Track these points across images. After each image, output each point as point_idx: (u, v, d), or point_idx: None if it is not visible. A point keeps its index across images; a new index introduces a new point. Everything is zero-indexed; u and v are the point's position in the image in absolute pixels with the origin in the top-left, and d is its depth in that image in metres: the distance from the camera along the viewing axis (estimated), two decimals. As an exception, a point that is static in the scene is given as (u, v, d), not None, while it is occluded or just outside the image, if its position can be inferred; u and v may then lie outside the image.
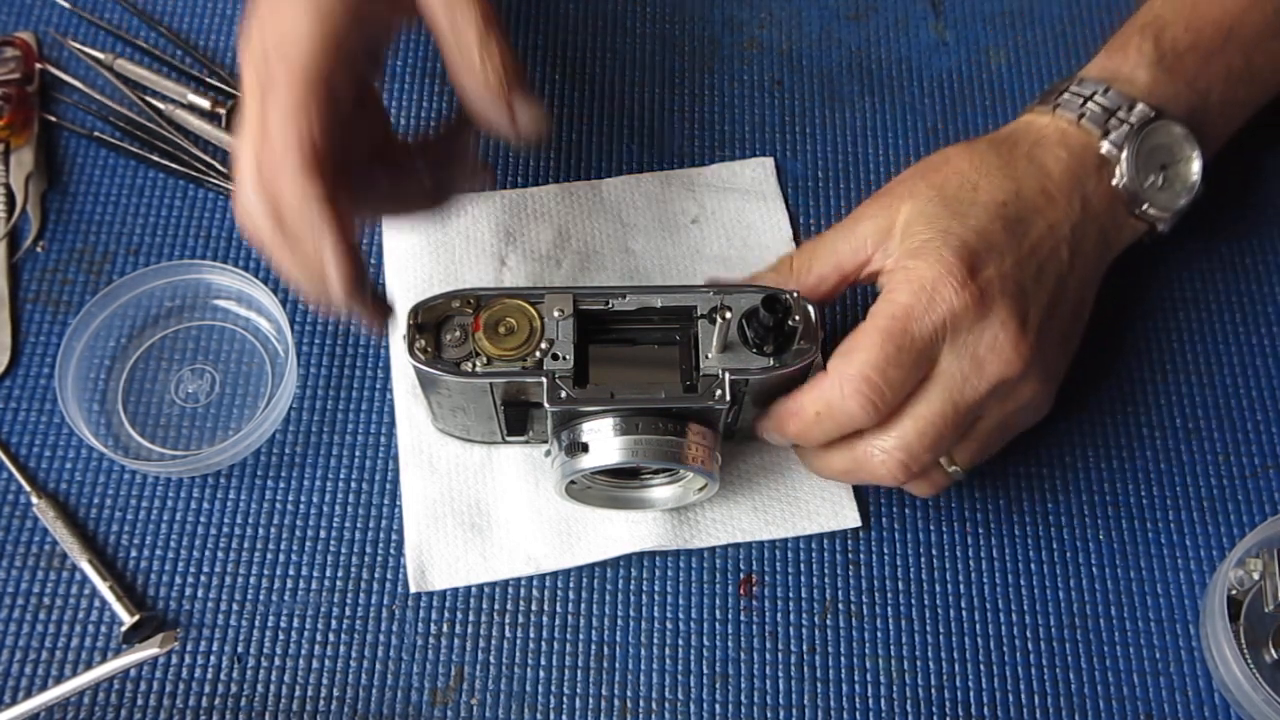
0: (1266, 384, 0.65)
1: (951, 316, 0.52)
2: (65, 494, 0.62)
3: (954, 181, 0.56)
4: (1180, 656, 0.59)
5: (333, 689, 0.57)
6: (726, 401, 0.52)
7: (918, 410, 0.53)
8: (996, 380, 0.53)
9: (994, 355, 0.53)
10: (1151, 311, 0.67)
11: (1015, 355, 0.53)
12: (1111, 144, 0.58)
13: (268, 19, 0.49)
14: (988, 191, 0.56)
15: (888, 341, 0.52)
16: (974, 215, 0.55)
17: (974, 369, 0.53)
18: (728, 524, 0.61)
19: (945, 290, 0.52)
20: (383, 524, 0.61)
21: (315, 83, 0.48)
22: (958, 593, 0.60)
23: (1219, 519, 0.62)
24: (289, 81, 0.47)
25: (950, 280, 0.53)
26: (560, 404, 0.52)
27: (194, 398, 0.64)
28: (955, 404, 0.53)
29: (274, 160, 0.47)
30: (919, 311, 0.52)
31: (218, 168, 0.70)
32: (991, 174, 0.57)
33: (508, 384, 0.53)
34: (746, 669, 0.58)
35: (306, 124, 0.47)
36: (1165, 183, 0.60)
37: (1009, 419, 0.57)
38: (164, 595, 0.59)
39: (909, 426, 0.53)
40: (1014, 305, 0.54)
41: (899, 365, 0.52)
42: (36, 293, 0.67)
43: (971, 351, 0.53)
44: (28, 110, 0.71)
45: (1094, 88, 0.60)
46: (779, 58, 0.76)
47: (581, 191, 0.70)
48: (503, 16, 0.76)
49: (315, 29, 0.48)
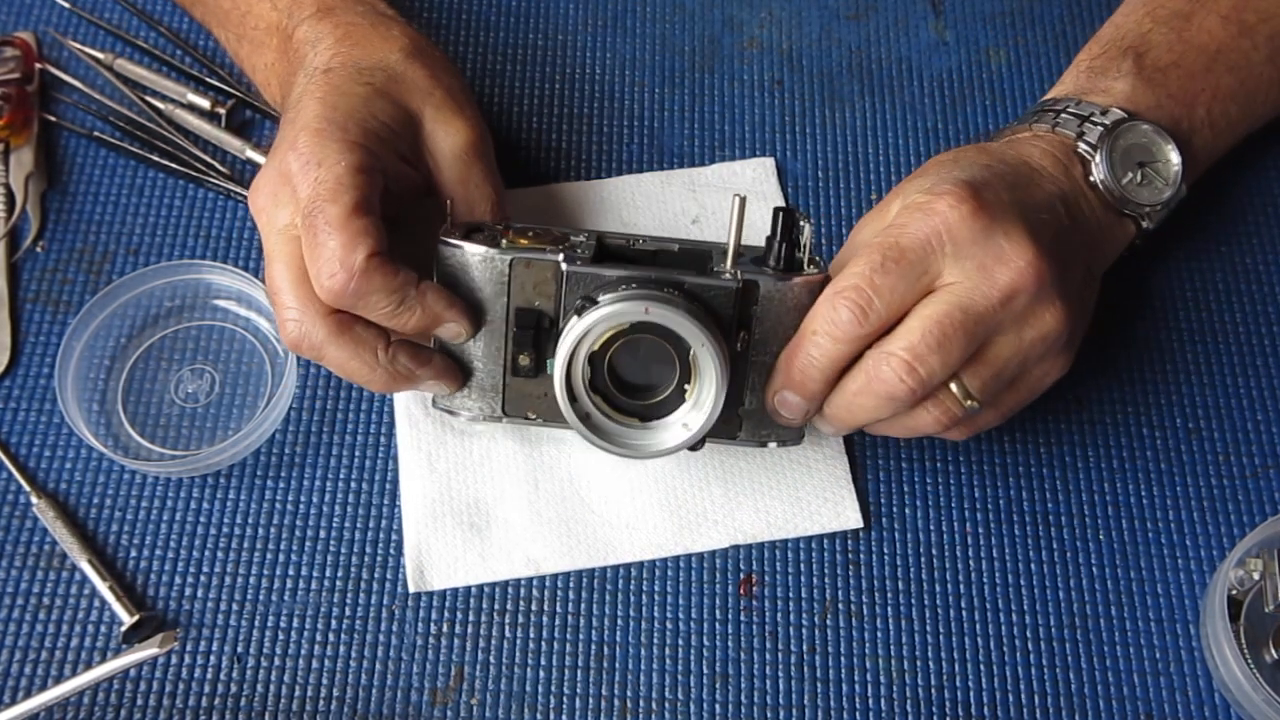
0: (1266, 384, 0.65)
1: (948, 227, 0.52)
2: (65, 494, 0.62)
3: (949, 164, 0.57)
4: (1180, 656, 0.59)
5: (333, 689, 0.57)
6: (740, 281, 0.52)
7: (924, 312, 0.52)
8: (1008, 289, 0.52)
9: (1003, 265, 0.52)
10: (1151, 311, 0.67)
11: (1027, 266, 0.52)
12: (1086, 144, 0.60)
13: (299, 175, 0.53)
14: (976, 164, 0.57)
15: (875, 252, 0.52)
16: (972, 169, 0.56)
17: (982, 276, 0.52)
18: (728, 525, 0.61)
19: (940, 204, 0.53)
20: (383, 524, 0.61)
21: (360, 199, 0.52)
22: (958, 593, 0.60)
23: (1219, 519, 0.62)
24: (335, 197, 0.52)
25: (946, 198, 0.53)
26: (577, 265, 0.52)
27: (194, 398, 0.64)
28: (963, 308, 0.52)
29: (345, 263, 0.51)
30: (910, 224, 0.53)
31: (218, 168, 0.70)
32: (987, 155, 0.58)
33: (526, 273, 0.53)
34: (746, 669, 0.58)
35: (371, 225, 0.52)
36: (1145, 179, 0.60)
37: (1028, 351, 0.54)
38: (164, 595, 0.59)
39: (913, 325, 0.52)
40: (1020, 221, 0.53)
41: (886, 272, 0.52)
42: (36, 293, 0.67)
43: (978, 261, 0.52)
44: (28, 110, 0.71)
45: (1066, 103, 0.62)
46: (779, 58, 0.76)
47: (581, 191, 0.70)
48: (502, 17, 0.76)
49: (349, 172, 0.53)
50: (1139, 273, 0.68)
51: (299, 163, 0.53)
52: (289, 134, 0.55)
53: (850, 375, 0.54)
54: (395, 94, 0.57)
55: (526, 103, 0.74)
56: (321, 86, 0.56)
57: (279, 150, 0.55)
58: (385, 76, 0.58)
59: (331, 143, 0.53)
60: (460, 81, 0.61)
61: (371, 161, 0.54)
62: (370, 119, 0.55)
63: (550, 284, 0.53)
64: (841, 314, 0.52)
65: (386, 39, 0.59)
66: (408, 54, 0.59)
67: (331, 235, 0.51)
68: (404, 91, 0.58)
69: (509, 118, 0.73)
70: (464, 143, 0.58)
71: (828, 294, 0.53)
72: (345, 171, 0.52)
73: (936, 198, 0.53)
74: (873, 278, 0.52)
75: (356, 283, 0.51)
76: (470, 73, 0.75)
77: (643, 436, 0.54)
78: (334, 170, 0.52)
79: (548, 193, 0.70)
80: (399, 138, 0.56)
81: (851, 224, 0.70)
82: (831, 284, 0.53)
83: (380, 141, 0.55)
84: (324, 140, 0.53)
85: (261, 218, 0.55)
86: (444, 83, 0.59)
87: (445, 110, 0.58)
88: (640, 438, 0.54)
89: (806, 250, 0.54)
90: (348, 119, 0.55)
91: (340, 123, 0.54)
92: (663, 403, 0.54)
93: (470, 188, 0.59)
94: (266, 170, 0.55)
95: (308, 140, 0.53)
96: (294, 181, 0.53)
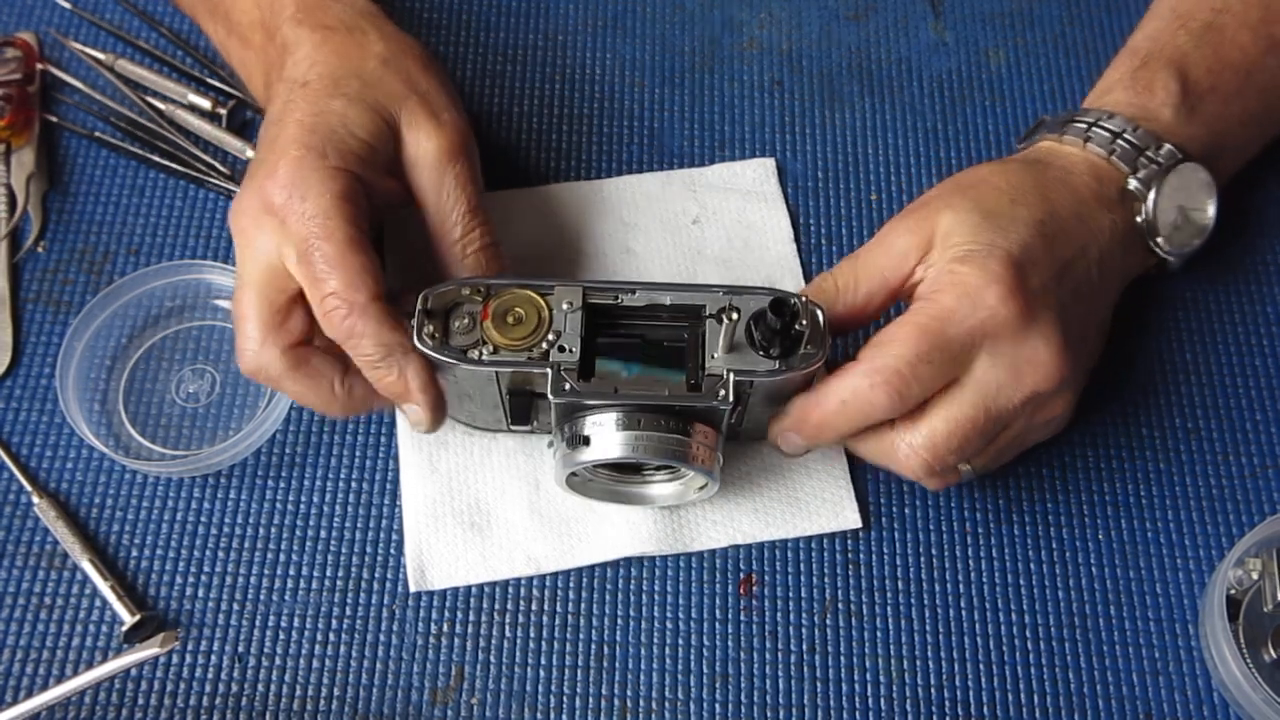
0: (1266, 384, 0.65)
1: (993, 324, 0.52)
2: (66, 494, 0.62)
3: (991, 197, 0.56)
4: (1179, 656, 0.59)
5: (333, 689, 0.57)
6: (730, 402, 0.52)
7: (949, 413, 0.53)
8: (1032, 392, 0.54)
9: (1033, 368, 0.53)
10: (1151, 312, 0.67)
11: (1054, 369, 0.53)
12: (1139, 182, 0.59)
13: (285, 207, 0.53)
14: (1026, 208, 0.56)
15: (923, 338, 0.52)
16: (1015, 230, 0.55)
17: (1011, 378, 0.53)
18: (728, 525, 0.61)
19: (990, 297, 0.52)
20: (383, 524, 0.61)
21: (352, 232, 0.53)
22: (958, 593, 0.60)
23: (1219, 519, 0.62)
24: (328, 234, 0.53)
25: (996, 288, 0.52)
26: (564, 396, 0.52)
27: (194, 398, 0.64)
28: (987, 410, 0.53)
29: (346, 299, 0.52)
30: (960, 315, 0.52)
31: (218, 168, 0.70)
32: (1027, 192, 0.57)
33: (514, 373, 0.53)
34: (746, 669, 0.58)
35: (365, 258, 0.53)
36: (1184, 223, 0.61)
37: (1030, 431, 0.57)
38: (164, 595, 0.59)
39: (939, 427, 0.53)
40: (1056, 320, 0.54)
41: (930, 362, 0.52)
42: (37, 293, 0.67)
43: (1010, 361, 0.53)
44: (29, 111, 0.71)
45: (1124, 125, 0.60)
46: (779, 58, 0.76)
47: (582, 191, 0.70)
48: (502, 17, 0.76)
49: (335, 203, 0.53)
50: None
51: (282, 195, 0.53)
52: (270, 158, 0.55)
53: (867, 438, 0.56)
54: (371, 103, 0.57)
55: (526, 103, 0.74)
56: (299, 105, 0.56)
57: (258, 175, 0.55)
58: (360, 85, 0.57)
59: (312, 173, 0.53)
60: (438, 82, 0.60)
61: (354, 186, 0.54)
62: (349, 138, 0.55)
63: (540, 378, 0.53)
64: (879, 398, 0.52)
65: (362, 45, 0.59)
66: (383, 60, 0.58)
67: (332, 274, 0.52)
68: (380, 100, 0.57)
69: (509, 118, 0.73)
70: (436, 149, 0.57)
71: (866, 366, 0.52)
72: (331, 203, 0.53)
73: (986, 286, 0.52)
74: (916, 366, 0.52)
75: (355, 321, 0.52)
76: (470, 73, 0.75)
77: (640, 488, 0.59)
78: (320, 203, 0.53)
79: (548, 193, 0.70)
80: (377, 152, 0.56)
81: (852, 224, 0.70)
82: (871, 352, 0.52)
83: (360, 161, 0.55)
84: (304, 170, 0.53)
85: (241, 239, 0.56)
86: (420, 88, 0.58)
87: (419, 115, 0.58)
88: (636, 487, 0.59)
89: (806, 333, 0.53)
90: (326, 142, 0.54)
91: (319, 148, 0.54)
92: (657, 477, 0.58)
93: (443, 196, 0.58)
94: (248, 193, 0.55)
95: (287, 170, 0.54)
96: (280, 213, 0.53)
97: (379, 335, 0.53)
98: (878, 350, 0.52)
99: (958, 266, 0.53)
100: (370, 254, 0.53)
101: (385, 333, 0.53)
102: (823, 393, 0.54)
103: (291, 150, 0.54)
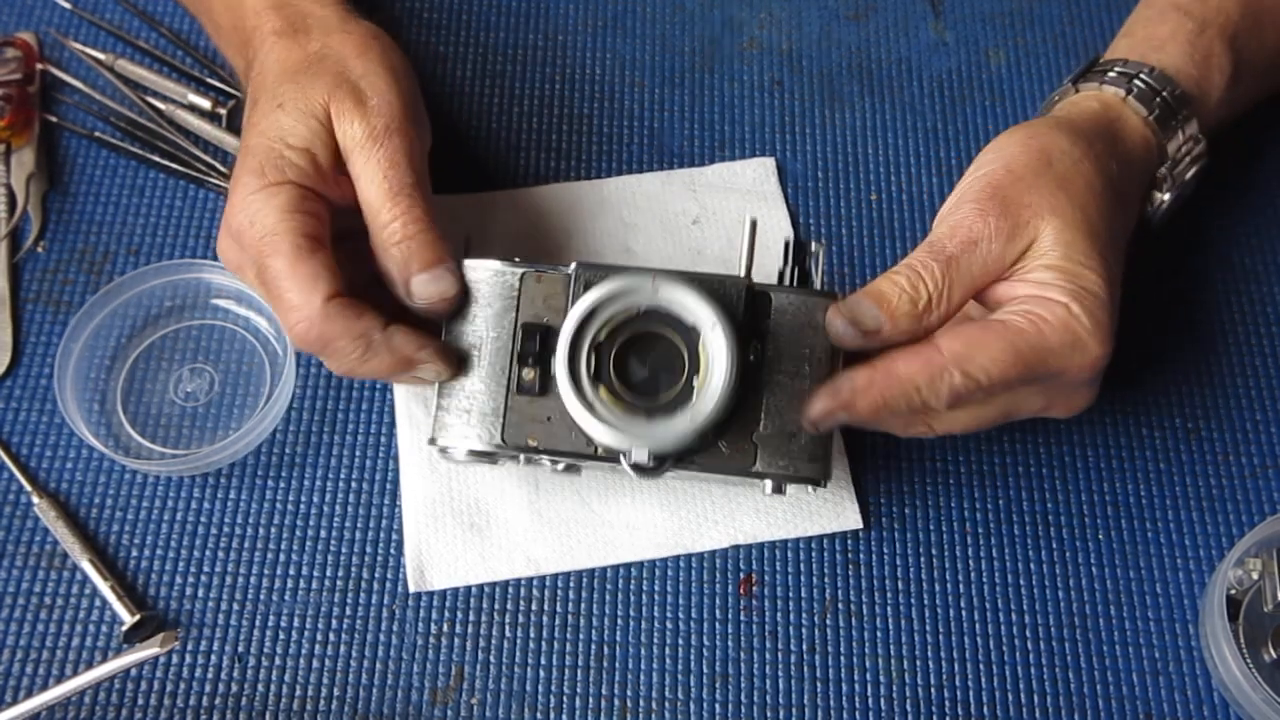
0: (1266, 384, 0.65)
1: (1074, 374, 0.52)
2: (66, 494, 0.62)
3: (1092, 205, 0.54)
4: (1180, 656, 0.59)
5: (333, 689, 0.57)
6: (749, 279, 0.52)
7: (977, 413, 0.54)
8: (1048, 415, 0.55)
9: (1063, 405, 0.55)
10: (1151, 312, 0.67)
11: (1077, 409, 0.55)
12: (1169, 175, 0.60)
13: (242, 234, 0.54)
14: (1118, 218, 0.55)
15: (1017, 363, 0.50)
16: (1114, 256, 0.54)
17: (1042, 405, 0.54)
18: (728, 525, 0.61)
19: (1087, 355, 0.51)
20: (383, 524, 0.61)
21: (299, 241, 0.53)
22: (958, 593, 0.60)
23: (1219, 519, 0.62)
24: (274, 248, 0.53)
25: (1098, 348, 0.52)
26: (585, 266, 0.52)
27: (194, 397, 0.64)
28: (1007, 414, 0.54)
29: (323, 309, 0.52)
30: (1059, 356, 0.51)
31: (218, 168, 0.70)
32: (1116, 195, 0.56)
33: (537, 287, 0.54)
34: (746, 669, 0.58)
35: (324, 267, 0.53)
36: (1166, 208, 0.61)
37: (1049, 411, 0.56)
38: (164, 595, 0.59)
39: (960, 421, 0.54)
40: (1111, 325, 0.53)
41: (1008, 387, 0.51)
42: (37, 293, 0.67)
43: (1049, 396, 0.54)
44: (29, 111, 0.71)
45: (1184, 108, 0.59)
46: (779, 58, 0.76)
47: (582, 191, 0.70)
48: (502, 17, 0.76)
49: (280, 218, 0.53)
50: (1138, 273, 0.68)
51: (236, 220, 0.54)
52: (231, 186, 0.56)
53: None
54: (304, 107, 0.56)
55: (526, 103, 0.74)
56: (248, 127, 0.57)
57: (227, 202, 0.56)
58: (293, 90, 0.56)
59: (254, 196, 0.54)
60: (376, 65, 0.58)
61: (298, 197, 0.54)
62: (285, 150, 0.55)
63: (560, 296, 0.53)
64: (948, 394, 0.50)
65: (303, 46, 0.58)
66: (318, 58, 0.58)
67: (285, 287, 0.52)
68: (311, 101, 0.56)
69: (509, 118, 0.73)
70: (359, 134, 0.55)
71: (954, 361, 0.50)
72: (276, 220, 0.53)
73: (1093, 340, 0.51)
74: (996, 385, 0.50)
75: (319, 328, 0.52)
76: (470, 73, 0.75)
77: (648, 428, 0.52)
78: (266, 222, 0.53)
79: (549, 193, 0.70)
80: (317, 156, 0.55)
81: (852, 224, 0.70)
82: (962, 349, 0.50)
83: (300, 171, 0.55)
84: (248, 194, 0.54)
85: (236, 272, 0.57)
86: (351, 75, 0.57)
87: (346, 104, 0.56)
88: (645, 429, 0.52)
89: (820, 276, 0.53)
90: (264, 162, 0.55)
91: (257, 170, 0.54)
92: (670, 403, 0.53)
93: (363, 181, 0.55)
94: (221, 224, 0.56)
95: (237, 197, 0.54)
96: (239, 239, 0.54)
97: (348, 329, 0.52)
98: (970, 348, 0.50)
99: (1073, 305, 0.51)
100: (321, 257, 0.53)
101: (353, 324, 0.52)
102: (902, 366, 0.51)
103: (240, 177, 0.55)
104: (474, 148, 0.72)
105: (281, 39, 0.59)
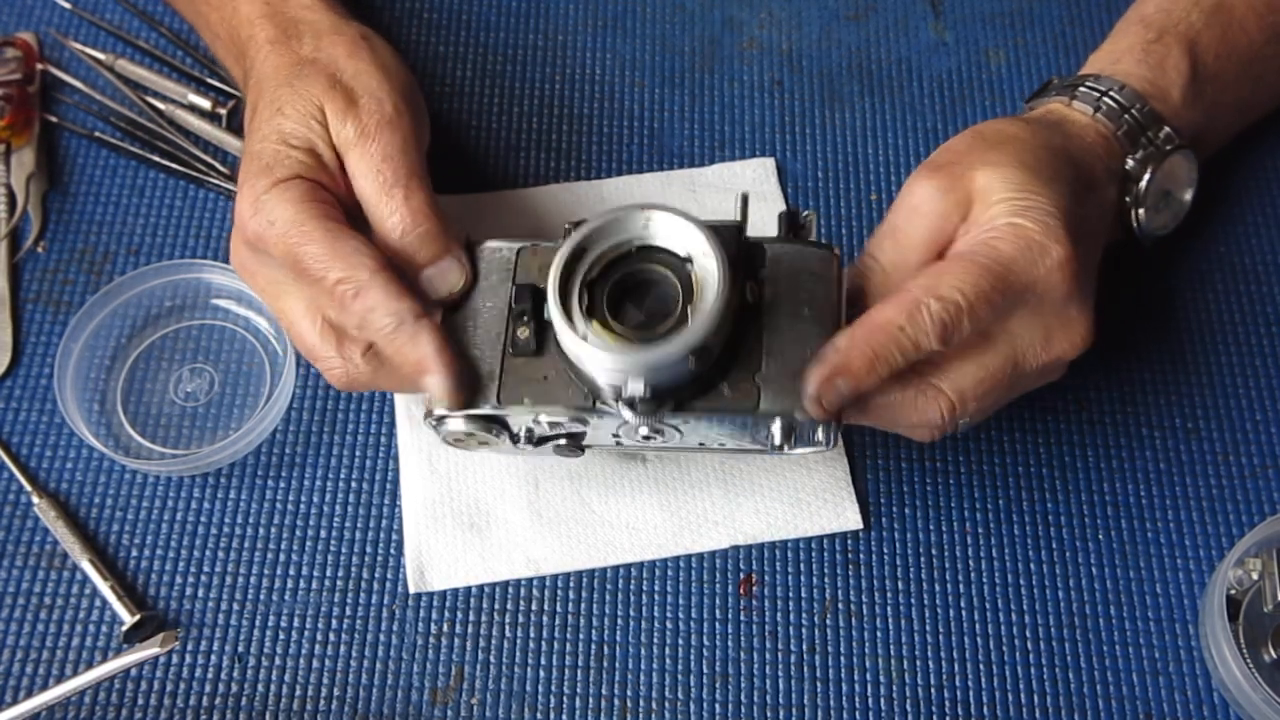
0: (1266, 384, 0.65)
1: (1047, 283, 0.51)
2: (66, 494, 0.62)
3: (1027, 153, 0.55)
4: (1179, 656, 0.59)
5: (333, 689, 0.57)
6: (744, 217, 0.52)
7: (983, 360, 0.52)
8: (1056, 357, 0.53)
9: (1063, 334, 0.53)
10: (1151, 312, 0.67)
11: (1080, 339, 0.53)
12: (1137, 163, 0.59)
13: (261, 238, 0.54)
14: (1059, 170, 0.55)
15: (985, 277, 0.50)
16: (1057, 189, 0.54)
17: (1043, 340, 0.53)
18: (729, 526, 0.61)
19: (1053, 254, 0.51)
20: (383, 524, 0.61)
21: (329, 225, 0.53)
22: (958, 593, 0.60)
23: (1219, 519, 0.62)
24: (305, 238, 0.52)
25: (1059, 248, 0.51)
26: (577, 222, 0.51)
27: (193, 397, 0.64)
28: (1015, 366, 0.53)
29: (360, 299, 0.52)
30: (1021, 265, 0.51)
31: (218, 168, 0.70)
32: (1056, 153, 0.56)
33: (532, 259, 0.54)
34: (746, 669, 0.58)
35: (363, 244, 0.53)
36: (1163, 206, 0.61)
37: (1034, 385, 0.56)
38: (164, 595, 0.59)
39: (970, 373, 0.52)
40: (1088, 289, 0.53)
41: (989, 304, 0.50)
42: (37, 293, 0.67)
43: (1046, 324, 0.53)
44: (29, 111, 0.71)
45: (1134, 100, 0.59)
46: (779, 58, 0.76)
47: (582, 191, 0.70)
48: (502, 17, 0.76)
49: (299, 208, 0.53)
50: (1138, 273, 0.68)
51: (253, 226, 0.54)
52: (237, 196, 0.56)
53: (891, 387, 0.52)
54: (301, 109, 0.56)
55: (526, 103, 0.74)
56: (249, 136, 0.57)
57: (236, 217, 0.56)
58: (289, 94, 0.57)
59: (266, 194, 0.54)
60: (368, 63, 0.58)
61: (312, 189, 0.54)
62: (289, 150, 0.55)
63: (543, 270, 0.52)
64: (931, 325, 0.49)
65: (295, 51, 0.59)
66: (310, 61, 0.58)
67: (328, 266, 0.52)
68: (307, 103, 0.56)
69: (509, 118, 0.73)
70: (351, 133, 0.55)
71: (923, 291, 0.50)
72: (296, 211, 0.53)
73: (1049, 242, 0.51)
74: (975, 304, 0.50)
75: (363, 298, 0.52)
76: (470, 73, 0.75)
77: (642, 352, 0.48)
78: (285, 215, 0.53)
79: (549, 193, 0.70)
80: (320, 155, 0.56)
81: (852, 224, 0.70)
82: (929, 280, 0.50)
83: (307, 167, 0.55)
84: (259, 195, 0.54)
85: (251, 282, 0.57)
86: (343, 76, 0.57)
87: (337, 105, 0.56)
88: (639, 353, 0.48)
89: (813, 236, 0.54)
90: (272, 162, 0.55)
91: (265, 170, 0.54)
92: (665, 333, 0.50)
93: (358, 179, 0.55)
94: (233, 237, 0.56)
95: (247, 202, 0.54)
96: (260, 244, 0.54)
97: (387, 305, 0.52)
98: (937, 278, 0.50)
99: (1018, 220, 0.52)
100: (357, 236, 0.53)
101: (393, 302, 0.52)
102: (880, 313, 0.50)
103: (247, 179, 0.55)
104: (474, 148, 0.72)
105: (275, 46, 0.59)
